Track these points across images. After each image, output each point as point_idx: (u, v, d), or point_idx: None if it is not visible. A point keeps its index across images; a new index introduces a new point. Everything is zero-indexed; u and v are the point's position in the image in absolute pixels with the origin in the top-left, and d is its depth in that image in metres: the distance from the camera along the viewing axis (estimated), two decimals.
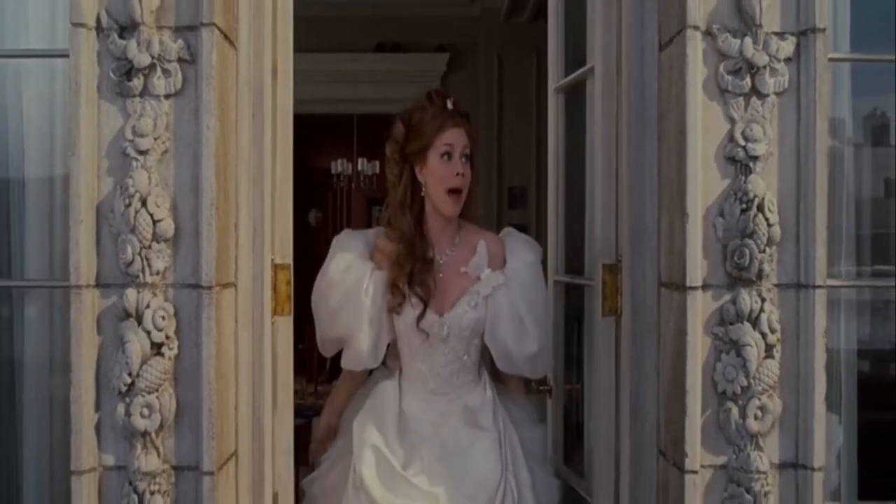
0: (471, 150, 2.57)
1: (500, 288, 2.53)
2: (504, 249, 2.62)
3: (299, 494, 2.71)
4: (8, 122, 2.59)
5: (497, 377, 2.67)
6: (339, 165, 10.61)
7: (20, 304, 2.54)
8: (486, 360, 2.67)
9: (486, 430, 2.51)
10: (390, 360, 2.67)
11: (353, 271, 2.52)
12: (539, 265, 2.63)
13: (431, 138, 2.51)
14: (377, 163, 9.99)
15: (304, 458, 3.45)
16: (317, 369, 8.67)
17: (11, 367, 2.52)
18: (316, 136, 7.44)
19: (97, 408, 2.15)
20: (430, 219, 2.58)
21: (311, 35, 2.65)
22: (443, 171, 2.50)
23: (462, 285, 2.55)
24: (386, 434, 2.47)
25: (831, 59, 2.24)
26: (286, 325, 2.50)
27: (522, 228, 7.14)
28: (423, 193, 2.55)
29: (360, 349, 2.52)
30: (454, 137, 2.52)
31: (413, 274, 2.50)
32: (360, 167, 10.44)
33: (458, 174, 2.49)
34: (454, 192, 2.50)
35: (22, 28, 2.57)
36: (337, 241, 2.64)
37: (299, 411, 3.09)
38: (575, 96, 2.98)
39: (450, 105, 2.57)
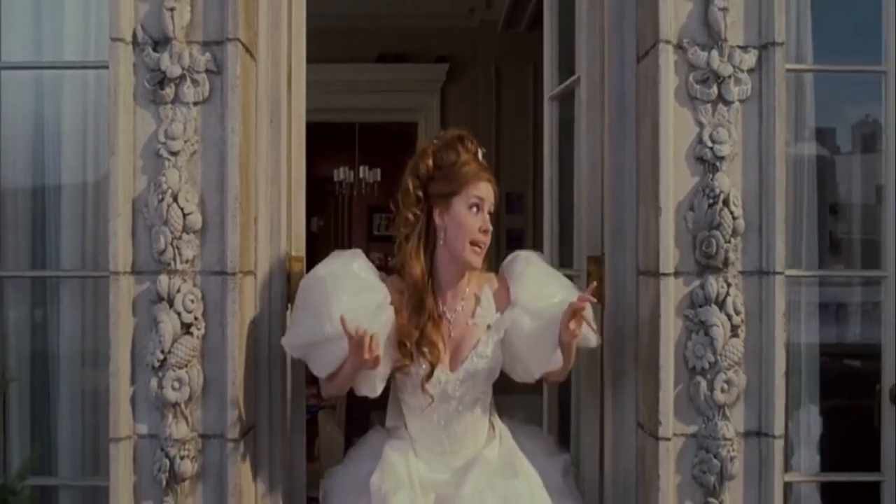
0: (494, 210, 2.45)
1: (517, 323, 2.40)
2: (507, 282, 2.49)
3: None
4: (45, 128, 2.86)
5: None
6: (340, 173, 10.83)
7: (55, 291, 2.81)
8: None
9: (516, 479, 2.36)
10: (390, 419, 2.50)
11: (375, 284, 2.37)
12: (539, 260, 2.55)
13: (462, 186, 2.37)
14: (378, 170, 10.21)
15: (310, 451, 3.67)
16: (315, 381, 8.88)
17: (47, 351, 2.79)
18: (318, 144, 7.69)
19: (132, 381, 2.40)
20: (443, 268, 2.42)
21: (315, 46, 2.83)
22: (470, 222, 2.36)
23: (474, 338, 2.41)
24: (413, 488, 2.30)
25: (789, 70, 2.51)
26: None
27: (520, 233, 7.42)
28: (440, 241, 2.40)
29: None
30: (486, 192, 2.39)
31: (423, 333, 2.34)
32: (361, 175, 10.66)
33: (484, 231, 2.37)
34: (476, 244, 2.37)
35: (58, 42, 2.84)
36: (352, 252, 2.46)
37: (305, 408, 3.19)
38: (567, 104, 3.22)
39: (481, 155, 2.46)
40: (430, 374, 2.33)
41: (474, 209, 2.38)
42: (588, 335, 2.44)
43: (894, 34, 2.76)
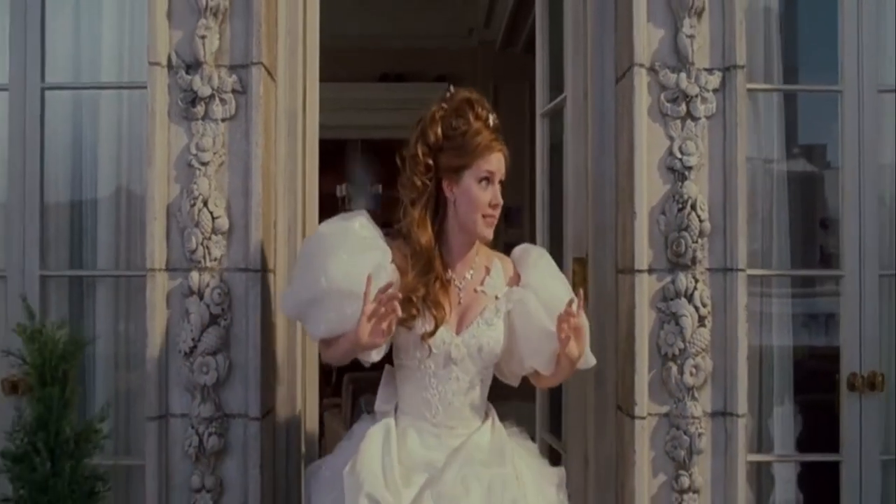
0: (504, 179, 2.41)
1: (524, 300, 2.38)
2: (518, 269, 2.48)
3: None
4: (83, 142, 3.16)
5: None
6: (343, 189, 11.12)
7: (92, 289, 3.10)
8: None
9: (502, 467, 2.29)
10: (380, 404, 2.41)
11: (375, 240, 2.34)
12: (550, 258, 2.54)
13: (472, 160, 2.33)
14: (380, 186, 10.52)
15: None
16: (323, 381, 9.18)
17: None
18: (321, 160, 7.99)
19: (166, 366, 2.69)
20: (452, 238, 2.38)
21: (321, 66, 3.07)
22: (480, 197, 2.32)
23: (480, 305, 2.38)
24: (386, 479, 2.18)
25: (749, 90, 2.82)
26: None
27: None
28: (448, 211, 2.36)
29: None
30: (497, 164, 2.36)
31: (430, 292, 2.30)
32: None
33: (495, 205, 2.35)
34: (489, 217, 2.35)
35: (96, 64, 3.15)
36: (356, 212, 2.43)
37: None
38: (557, 120, 3.52)
39: (492, 121, 2.39)
40: (433, 331, 2.27)
41: (484, 183, 2.33)
42: (588, 356, 2.41)
43: (854, 56, 3.07)
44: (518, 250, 2.54)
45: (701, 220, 2.71)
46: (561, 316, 2.22)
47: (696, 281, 2.72)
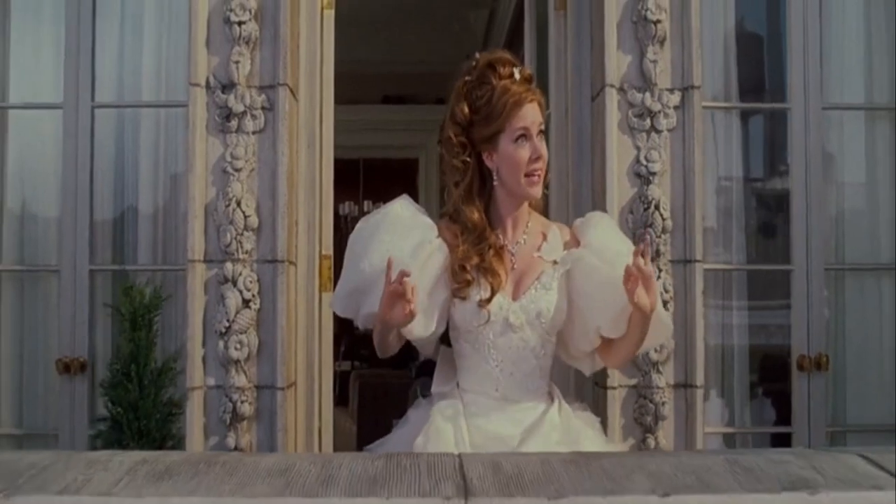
0: (546, 126, 2.31)
1: (583, 257, 2.25)
2: (577, 236, 2.36)
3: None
4: (125, 154, 3.60)
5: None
6: (346, 207, 11.57)
7: (132, 281, 3.51)
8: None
9: (578, 444, 2.17)
10: (438, 385, 2.32)
11: (421, 219, 2.27)
12: (612, 221, 2.53)
13: (503, 123, 2.19)
14: (381, 204, 10.94)
15: None
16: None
17: None
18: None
19: (203, 344, 3.12)
20: (502, 206, 2.29)
21: None
22: (520, 156, 2.20)
23: (537, 271, 2.26)
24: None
25: (704, 107, 3.27)
26: (328, 297, 3.47)
27: None
28: (494, 182, 2.26)
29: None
30: (530, 116, 2.22)
31: (484, 259, 2.20)
32: (366, 209, 11.38)
33: (536, 158, 2.21)
34: (534, 175, 2.22)
35: (137, 85, 3.59)
36: (400, 199, 2.33)
37: None
38: (545, 135, 3.96)
39: (517, 75, 2.24)
40: (490, 298, 2.17)
41: (521, 140, 2.20)
42: (661, 313, 2.28)
43: (801, 77, 3.52)
44: (578, 220, 2.45)
45: (664, 219, 3.15)
46: (629, 266, 2.07)
47: (660, 271, 3.15)
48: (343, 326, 5.79)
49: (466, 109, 2.25)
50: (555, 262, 2.27)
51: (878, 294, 3.58)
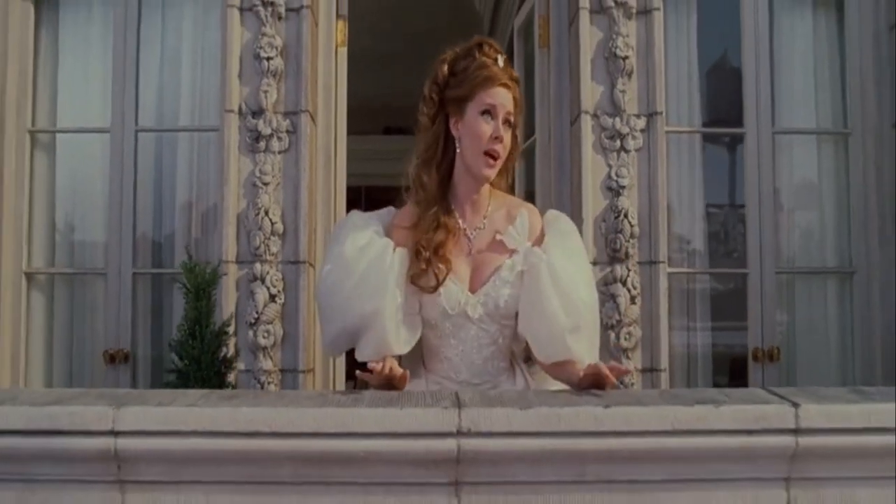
0: (515, 120, 2.28)
1: (538, 270, 2.22)
2: (544, 224, 2.36)
3: None
4: (163, 172, 4.11)
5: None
6: None
7: (170, 283, 4.03)
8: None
9: None
10: (405, 366, 2.31)
11: (372, 248, 2.24)
12: (579, 236, 2.42)
13: (474, 90, 2.22)
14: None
15: None
16: None
17: (162, 321, 4.00)
18: None
19: (235, 333, 3.60)
20: (460, 184, 2.29)
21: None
22: (481, 129, 2.21)
23: (497, 259, 2.28)
24: None
25: (667, 131, 3.79)
26: None
27: None
28: (456, 150, 2.26)
29: (385, 327, 2.19)
30: (501, 97, 2.23)
31: (436, 244, 2.22)
32: None
33: (496, 137, 2.21)
34: (490, 155, 2.23)
35: (175, 112, 4.11)
36: (345, 221, 2.39)
37: None
38: (531, 157, 4.48)
39: (500, 62, 2.27)
40: (437, 286, 2.22)
41: (487, 116, 2.22)
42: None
43: (753, 105, 4.04)
44: (552, 214, 2.46)
45: (632, 226, 3.66)
46: (602, 374, 2.12)
47: (629, 271, 3.66)
48: None
49: (446, 70, 2.29)
50: (515, 251, 2.28)
51: (824, 294, 4.08)
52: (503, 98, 2.24)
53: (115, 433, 1.87)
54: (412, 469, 1.89)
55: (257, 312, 3.57)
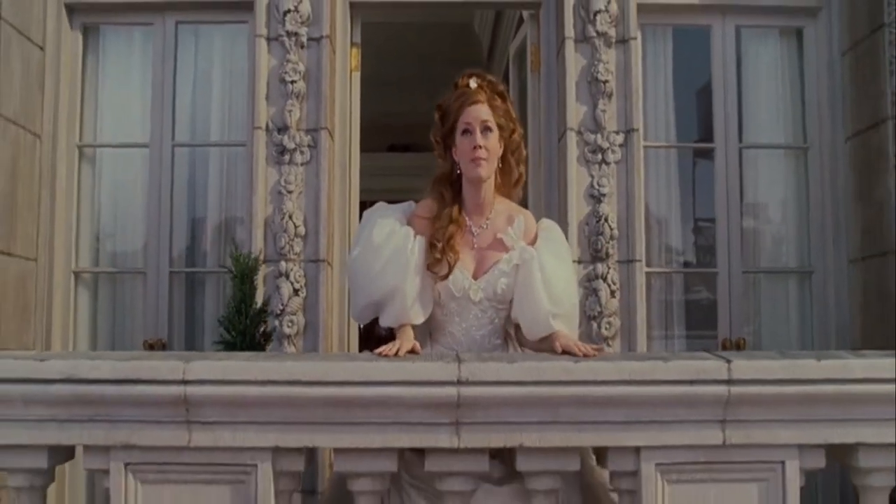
0: (496, 121, 2.67)
1: (530, 265, 2.66)
2: (538, 229, 2.78)
3: None
4: (196, 182, 4.61)
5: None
6: None
7: (202, 281, 4.52)
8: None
9: None
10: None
11: (396, 235, 2.68)
12: (560, 237, 2.84)
13: (455, 119, 2.66)
14: None
15: None
16: None
17: (194, 312, 4.49)
18: None
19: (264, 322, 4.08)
20: (467, 192, 2.72)
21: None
22: (464, 146, 2.65)
23: (496, 254, 2.70)
24: None
25: (645, 146, 4.29)
26: None
27: None
28: (458, 171, 2.72)
29: (405, 302, 2.64)
30: (473, 114, 2.64)
31: (450, 236, 2.65)
32: None
33: (476, 147, 2.62)
34: (476, 161, 2.64)
35: (206, 128, 4.61)
36: (372, 212, 2.79)
37: None
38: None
39: (473, 84, 2.69)
40: (447, 274, 2.66)
41: (467, 134, 2.65)
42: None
43: (722, 121, 4.55)
44: (546, 222, 2.89)
45: (611, 229, 4.15)
46: (574, 348, 2.54)
47: (609, 269, 4.14)
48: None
49: (437, 116, 2.79)
50: (512, 248, 2.72)
51: (786, 292, 4.57)
52: (476, 113, 2.66)
53: (184, 382, 2.35)
54: (421, 412, 2.37)
55: (282, 304, 4.05)
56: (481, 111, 2.66)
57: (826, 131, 4.54)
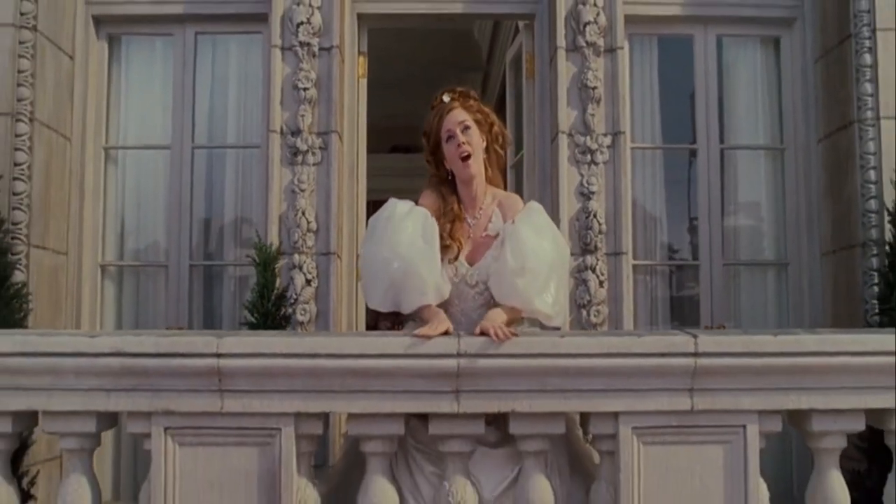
0: (473, 118, 2.99)
1: (507, 229, 2.95)
2: (523, 209, 3.05)
3: None
4: (213, 182, 4.95)
5: None
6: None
7: (220, 273, 4.86)
8: None
9: None
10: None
11: (416, 211, 2.96)
12: (541, 212, 3.06)
13: (437, 134, 2.99)
14: None
15: None
16: None
17: (213, 299, 4.83)
18: None
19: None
20: (462, 192, 3.04)
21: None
22: (451, 150, 2.97)
23: (489, 243, 3.00)
24: None
25: (632, 148, 4.63)
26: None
27: None
28: (450, 177, 3.05)
29: (428, 279, 2.84)
30: (449, 122, 2.97)
31: (452, 228, 2.97)
32: None
33: (459, 145, 2.95)
34: (465, 158, 2.96)
35: (223, 131, 4.95)
36: (389, 202, 3.01)
37: None
38: (520, 170, 5.32)
39: (446, 99, 3.02)
40: (456, 257, 2.98)
41: (451, 141, 2.98)
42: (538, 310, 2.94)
43: (704, 123, 4.88)
44: (533, 204, 3.14)
45: (600, 224, 4.49)
46: (489, 329, 2.71)
47: (598, 261, 4.48)
48: None
49: (423, 138, 3.10)
50: (497, 235, 3.00)
51: (764, 282, 4.91)
52: (453, 117, 2.99)
53: (218, 355, 2.68)
54: (426, 381, 2.71)
55: (296, 294, 4.38)
56: (457, 115, 2.99)
57: (801, 133, 4.88)
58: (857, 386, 2.76)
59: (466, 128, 2.99)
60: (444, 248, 2.96)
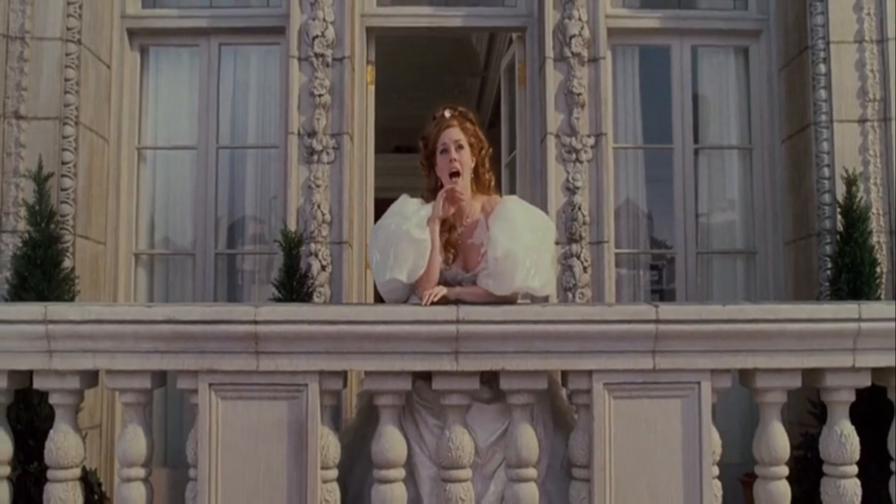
0: (467, 140, 3.27)
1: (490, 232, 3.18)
2: (497, 207, 3.27)
3: None
4: (234, 181, 5.45)
5: None
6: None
7: (241, 261, 5.37)
8: None
9: None
10: None
11: (423, 210, 3.26)
12: (513, 208, 3.30)
13: (434, 145, 3.27)
14: None
15: None
16: None
17: (235, 284, 5.34)
18: None
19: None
20: None
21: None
22: (442, 163, 3.26)
23: (476, 249, 3.30)
24: None
25: (615, 147, 5.15)
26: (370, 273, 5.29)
27: None
28: (438, 185, 3.33)
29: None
30: (446, 137, 3.24)
31: (447, 238, 3.29)
32: None
33: (451, 160, 3.23)
34: (453, 174, 3.24)
35: (244, 132, 5.46)
36: (400, 199, 3.34)
37: None
38: (513, 169, 5.83)
39: (447, 114, 3.27)
40: (454, 260, 3.35)
41: (444, 154, 3.26)
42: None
43: (679, 124, 5.39)
44: (506, 202, 3.37)
45: (584, 216, 4.99)
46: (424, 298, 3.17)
47: (582, 249, 4.98)
48: None
49: (421, 144, 3.43)
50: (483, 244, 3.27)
51: (734, 269, 5.42)
52: (450, 134, 3.29)
53: (255, 322, 3.13)
54: (429, 344, 3.16)
55: (312, 279, 4.88)
56: (454, 133, 3.29)
57: (766, 134, 5.38)
58: (795, 349, 3.19)
59: (460, 147, 3.29)
60: (444, 252, 3.32)
